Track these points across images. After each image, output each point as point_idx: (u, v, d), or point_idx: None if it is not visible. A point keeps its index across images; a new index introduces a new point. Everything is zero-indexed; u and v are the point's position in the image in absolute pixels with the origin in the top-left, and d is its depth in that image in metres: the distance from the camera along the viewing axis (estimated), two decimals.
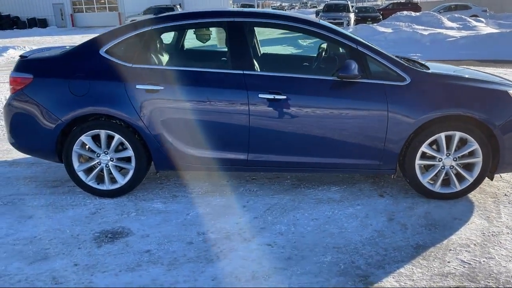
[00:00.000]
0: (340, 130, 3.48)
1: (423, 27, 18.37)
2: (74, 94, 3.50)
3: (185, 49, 4.52)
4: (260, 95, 3.44)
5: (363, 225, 3.25)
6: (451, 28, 19.58)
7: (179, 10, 31.11)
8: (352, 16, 21.14)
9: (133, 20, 30.20)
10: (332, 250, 2.93)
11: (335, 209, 3.48)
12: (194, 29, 4.06)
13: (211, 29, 4.60)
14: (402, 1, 33.31)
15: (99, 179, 3.72)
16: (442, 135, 3.46)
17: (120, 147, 3.65)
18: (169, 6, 31.52)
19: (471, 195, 3.68)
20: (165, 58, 3.70)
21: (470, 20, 21.58)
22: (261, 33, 7.38)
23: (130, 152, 3.60)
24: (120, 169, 3.69)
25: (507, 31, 15.08)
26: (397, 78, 3.45)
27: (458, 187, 3.57)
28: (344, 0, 25.29)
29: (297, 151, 3.56)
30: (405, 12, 22.45)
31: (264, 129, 3.50)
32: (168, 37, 4.15)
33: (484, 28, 19.80)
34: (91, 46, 3.65)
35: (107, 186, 3.68)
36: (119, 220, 3.36)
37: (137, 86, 3.48)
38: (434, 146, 3.55)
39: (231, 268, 2.75)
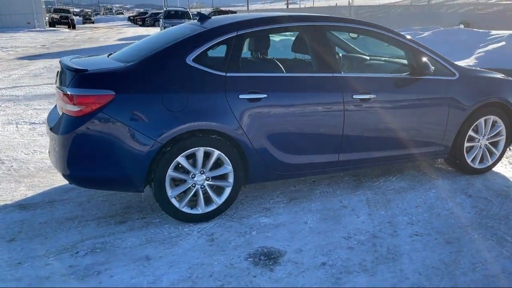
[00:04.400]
0: (418, 123, 3.83)
1: None
2: (170, 110, 3.05)
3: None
4: (355, 96, 3.55)
5: (457, 204, 3.67)
6: None
7: None
8: None
9: None
10: (468, 228, 3.26)
11: (420, 195, 3.82)
12: (278, 34, 3.87)
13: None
14: (223, 9, 35.37)
15: (191, 203, 3.31)
16: (482, 119, 4.12)
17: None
18: None
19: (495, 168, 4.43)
20: (254, 64, 3.48)
21: None
22: None
23: (228, 168, 3.29)
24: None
25: None
26: (450, 73, 3.97)
27: (490, 161, 4.29)
28: (182, 7, 25.43)
29: (381, 146, 3.77)
30: None
31: (354, 129, 3.62)
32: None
33: None
34: (173, 55, 3.21)
35: (202, 209, 3.30)
36: (249, 241, 3.07)
37: (240, 96, 3.22)
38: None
39: (419, 261, 2.84)
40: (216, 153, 3.22)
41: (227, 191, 3.34)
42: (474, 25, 21.96)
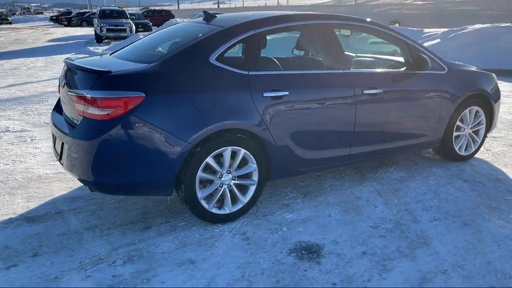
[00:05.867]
0: (418, 115, 4.06)
1: None
2: (200, 110, 3.00)
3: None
4: (365, 91, 3.69)
5: (458, 189, 3.93)
6: None
7: None
8: (132, 23, 20.81)
9: None
10: (477, 210, 3.52)
11: (423, 183, 4.05)
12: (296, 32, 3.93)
13: None
14: (156, 8, 34.61)
15: (218, 203, 3.28)
16: (467, 110, 4.45)
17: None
18: None
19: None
20: (271, 62, 3.51)
21: None
22: None
23: (253, 167, 3.30)
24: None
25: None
26: (440, 68, 4.24)
27: (473, 148, 4.64)
28: (116, 6, 24.53)
29: (386, 138, 3.95)
30: (179, 20, 23.53)
31: (363, 123, 3.75)
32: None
33: None
34: (197, 54, 3.16)
35: (230, 209, 3.28)
36: (284, 237, 3.11)
37: (264, 94, 3.24)
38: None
39: (449, 243, 3.03)
40: (243, 152, 3.21)
41: (252, 189, 3.35)
42: (403, 24, 23.34)
